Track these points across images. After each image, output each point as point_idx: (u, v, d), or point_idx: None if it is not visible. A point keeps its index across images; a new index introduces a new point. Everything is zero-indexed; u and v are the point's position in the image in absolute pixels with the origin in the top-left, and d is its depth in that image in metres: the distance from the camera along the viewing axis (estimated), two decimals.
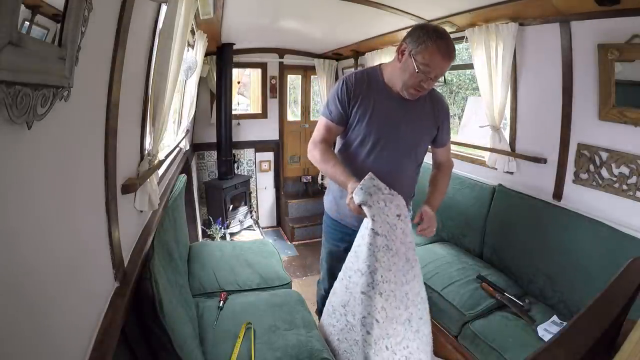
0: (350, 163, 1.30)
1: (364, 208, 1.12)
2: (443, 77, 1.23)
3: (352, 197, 1.13)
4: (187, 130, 2.98)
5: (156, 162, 1.34)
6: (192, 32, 2.30)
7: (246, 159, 4.19)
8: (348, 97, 1.26)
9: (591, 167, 1.64)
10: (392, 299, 1.20)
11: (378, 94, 1.27)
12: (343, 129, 1.31)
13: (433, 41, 1.12)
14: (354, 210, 1.14)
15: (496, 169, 2.16)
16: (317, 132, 1.33)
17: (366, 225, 1.17)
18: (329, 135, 1.31)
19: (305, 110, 4.46)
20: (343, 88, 1.27)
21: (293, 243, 3.91)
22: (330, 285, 1.43)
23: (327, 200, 1.53)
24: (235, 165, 3.96)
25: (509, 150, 2.08)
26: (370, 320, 1.19)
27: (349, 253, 1.28)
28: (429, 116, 1.33)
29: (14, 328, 0.48)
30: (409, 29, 1.20)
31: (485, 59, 2.01)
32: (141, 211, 1.27)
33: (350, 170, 1.22)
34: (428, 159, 1.50)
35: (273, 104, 4.19)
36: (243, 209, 3.90)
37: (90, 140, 0.82)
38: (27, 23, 0.49)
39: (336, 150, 1.40)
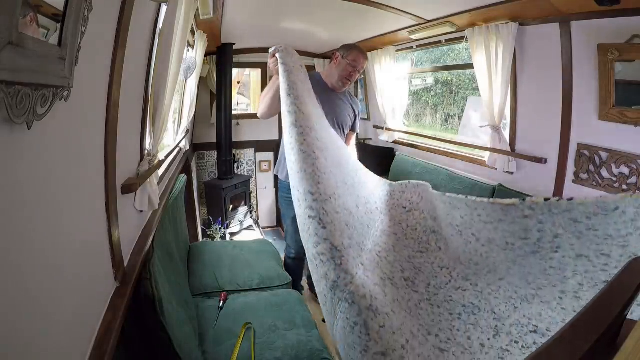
0: None
1: (280, 67, 1.26)
2: (363, 73, 1.89)
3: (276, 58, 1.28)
4: (187, 130, 2.98)
5: (156, 162, 1.34)
6: (192, 32, 2.30)
7: (246, 159, 4.19)
8: None
9: (591, 167, 1.64)
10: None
11: (320, 87, 1.78)
12: None
13: (356, 48, 1.83)
14: (273, 68, 1.31)
15: (496, 169, 2.16)
16: None
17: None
18: None
19: None
20: None
21: None
22: (299, 247, 1.64)
23: (281, 170, 1.91)
24: (235, 165, 3.96)
25: (509, 150, 2.08)
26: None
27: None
28: (350, 107, 1.97)
29: (14, 328, 0.48)
30: (408, 29, 1.25)
31: (485, 59, 2.01)
32: (141, 211, 1.27)
33: None
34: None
35: None
36: (243, 209, 3.90)
37: (90, 140, 0.82)
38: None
39: None
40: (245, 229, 3.81)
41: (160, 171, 1.74)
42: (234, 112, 3.68)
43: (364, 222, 1.19)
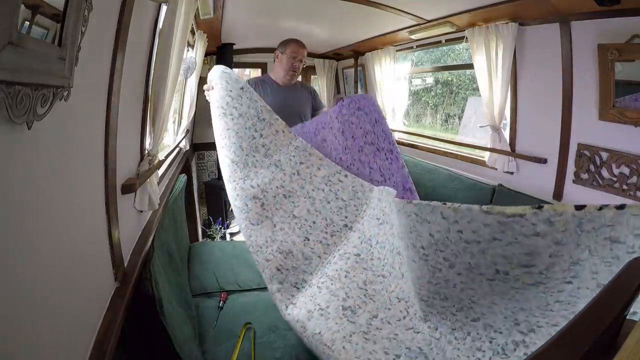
0: None
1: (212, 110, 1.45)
2: (304, 61, 1.97)
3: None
4: (187, 130, 2.98)
5: (156, 162, 1.34)
6: (192, 32, 2.30)
7: None
8: None
9: (591, 167, 1.64)
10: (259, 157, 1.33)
11: (270, 87, 1.97)
12: None
13: (292, 41, 1.93)
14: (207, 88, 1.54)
15: (496, 169, 2.16)
16: None
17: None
18: None
19: None
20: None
21: None
22: None
23: None
24: None
25: (509, 150, 2.08)
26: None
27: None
28: (304, 94, 2.08)
29: (14, 328, 0.48)
30: (408, 29, 1.26)
31: (485, 59, 2.01)
32: (141, 211, 1.27)
33: None
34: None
35: None
36: None
37: (90, 140, 0.82)
38: (27, 23, 0.49)
39: None
40: None
41: (160, 171, 1.74)
42: None
43: (314, 253, 1.19)
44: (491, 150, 2.17)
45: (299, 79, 2.24)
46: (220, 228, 3.43)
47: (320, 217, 1.26)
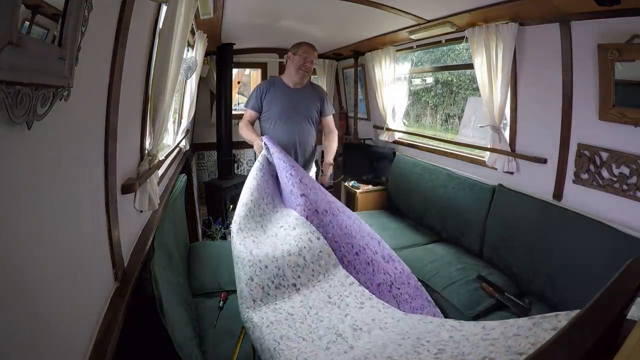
0: (267, 131, 2.10)
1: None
2: (315, 62, 2.15)
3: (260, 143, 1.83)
4: (187, 130, 2.98)
5: (156, 162, 1.34)
6: (192, 32, 2.30)
7: (246, 159, 4.19)
8: (262, 95, 2.12)
9: (591, 167, 1.64)
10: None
11: (282, 90, 2.12)
12: (259, 115, 2.17)
13: (304, 43, 2.09)
14: (259, 148, 1.87)
15: (496, 169, 2.16)
16: (244, 118, 2.16)
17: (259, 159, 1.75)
18: (251, 119, 2.15)
19: None
20: (259, 90, 2.15)
21: None
22: None
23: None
24: (235, 165, 3.96)
25: (509, 150, 2.08)
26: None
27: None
28: (313, 97, 2.19)
29: (14, 328, 0.48)
30: (408, 29, 1.29)
31: (485, 59, 2.01)
32: (141, 211, 1.27)
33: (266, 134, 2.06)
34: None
35: None
36: None
37: (90, 140, 0.82)
38: (27, 23, 0.49)
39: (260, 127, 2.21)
40: None
41: (160, 171, 1.74)
42: (234, 112, 3.68)
43: (250, 294, 1.21)
44: (491, 150, 2.17)
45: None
46: (220, 228, 3.43)
47: (274, 265, 1.23)
